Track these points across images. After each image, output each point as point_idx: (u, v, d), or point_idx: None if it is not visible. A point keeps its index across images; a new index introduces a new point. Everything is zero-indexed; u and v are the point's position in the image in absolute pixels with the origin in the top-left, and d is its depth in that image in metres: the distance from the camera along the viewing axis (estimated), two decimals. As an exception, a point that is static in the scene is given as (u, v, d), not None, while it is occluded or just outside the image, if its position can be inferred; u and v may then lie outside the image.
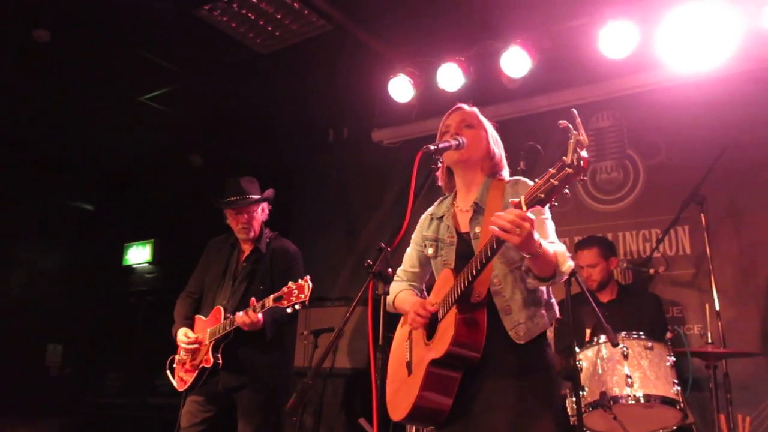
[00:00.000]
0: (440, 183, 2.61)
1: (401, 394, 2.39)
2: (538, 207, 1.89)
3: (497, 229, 1.93)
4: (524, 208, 1.90)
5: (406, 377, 2.41)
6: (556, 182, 1.80)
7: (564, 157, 1.77)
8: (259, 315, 3.43)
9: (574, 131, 1.77)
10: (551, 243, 2.20)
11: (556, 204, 1.89)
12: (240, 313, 3.46)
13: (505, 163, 2.54)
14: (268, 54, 5.20)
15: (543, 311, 2.33)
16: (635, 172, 4.98)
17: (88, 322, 7.92)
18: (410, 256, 2.72)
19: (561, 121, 1.82)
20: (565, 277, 2.23)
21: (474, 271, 2.14)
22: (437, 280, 2.48)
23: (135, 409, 7.16)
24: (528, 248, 2.00)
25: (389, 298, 2.58)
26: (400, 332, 2.63)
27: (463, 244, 2.43)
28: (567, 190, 1.82)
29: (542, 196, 1.84)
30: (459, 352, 2.19)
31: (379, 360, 2.06)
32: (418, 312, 2.34)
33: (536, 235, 1.98)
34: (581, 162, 1.75)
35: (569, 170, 1.76)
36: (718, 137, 4.38)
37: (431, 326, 2.36)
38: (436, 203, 2.68)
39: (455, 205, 2.55)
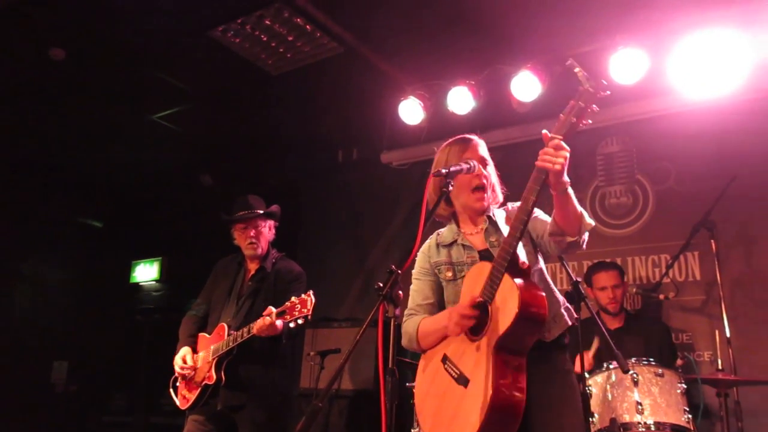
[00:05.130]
0: (440, 210, 2.52)
1: (464, 409, 2.18)
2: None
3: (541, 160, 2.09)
4: (559, 135, 2.07)
5: (464, 391, 2.22)
6: (582, 103, 2.06)
7: (579, 87, 2.07)
8: (278, 322, 3.39)
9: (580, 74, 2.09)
10: None
11: (590, 121, 2.11)
12: (279, 318, 3.35)
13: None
14: (279, 75, 5.24)
15: (562, 311, 2.40)
16: (644, 197, 4.97)
17: (94, 340, 7.89)
18: (420, 289, 2.58)
19: (569, 62, 2.15)
20: (585, 238, 2.23)
21: (517, 233, 2.15)
22: (465, 280, 2.38)
23: (139, 428, 7.12)
24: (562, 181, 2.11)
25: (409, 336, 2.49)
26: (432, 365, 2.43)
27: (486, 258, 2.39)
28: (595, 106, 2.06)
29: (574, 119, 2.06)
30: (529, 311, 2.12)
31: (389, 383, 2.04)
32: (462, 313, 2.22)
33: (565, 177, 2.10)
34: (597, 85, 2.05)
35: (589, 89, 2.05)
36: (728, 164, 4.39)
37: (476, 324, 2.24)
38: (434, 234, 2.64)
39: (462, 231, 2.54)
